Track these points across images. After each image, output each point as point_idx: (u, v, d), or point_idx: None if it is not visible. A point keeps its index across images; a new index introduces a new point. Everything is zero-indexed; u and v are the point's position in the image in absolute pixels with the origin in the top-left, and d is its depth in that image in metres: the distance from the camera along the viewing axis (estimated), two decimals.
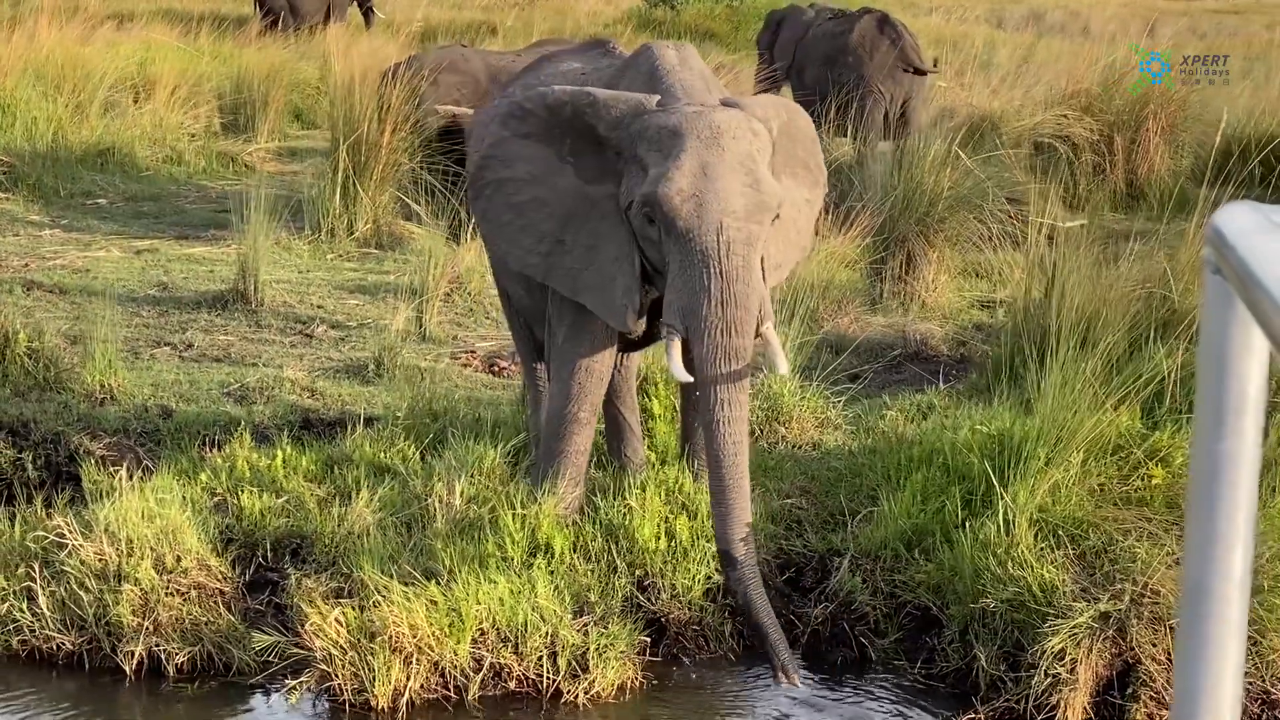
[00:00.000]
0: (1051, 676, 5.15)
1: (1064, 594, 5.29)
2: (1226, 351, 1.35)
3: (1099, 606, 5.20)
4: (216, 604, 5.66)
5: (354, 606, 5.37)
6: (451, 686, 5.39)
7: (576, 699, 5.41)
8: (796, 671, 5.29)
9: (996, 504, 5.70)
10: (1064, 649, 5.15)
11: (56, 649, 5.59)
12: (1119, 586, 5.27)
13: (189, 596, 5.63)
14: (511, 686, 5.45)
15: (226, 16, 20.50)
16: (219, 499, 6.20)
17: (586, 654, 5.45)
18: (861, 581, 5.83)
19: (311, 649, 5.32)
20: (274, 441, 6.75)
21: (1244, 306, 1.32)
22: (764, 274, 5.54)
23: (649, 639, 5.69)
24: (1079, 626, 5.16)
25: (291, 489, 6.28)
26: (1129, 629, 5.21)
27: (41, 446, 6.93)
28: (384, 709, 5.28)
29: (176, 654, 5.51)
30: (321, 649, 5.29)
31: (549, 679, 5.43)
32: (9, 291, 9.14)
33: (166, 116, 13.51)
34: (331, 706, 5.34)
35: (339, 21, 20.46)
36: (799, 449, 6.98)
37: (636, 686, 5.54)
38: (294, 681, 5.34)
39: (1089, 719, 5.20)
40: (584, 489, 6.05)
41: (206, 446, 6.77)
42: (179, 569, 5.65)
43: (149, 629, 5.52)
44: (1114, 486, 5.89)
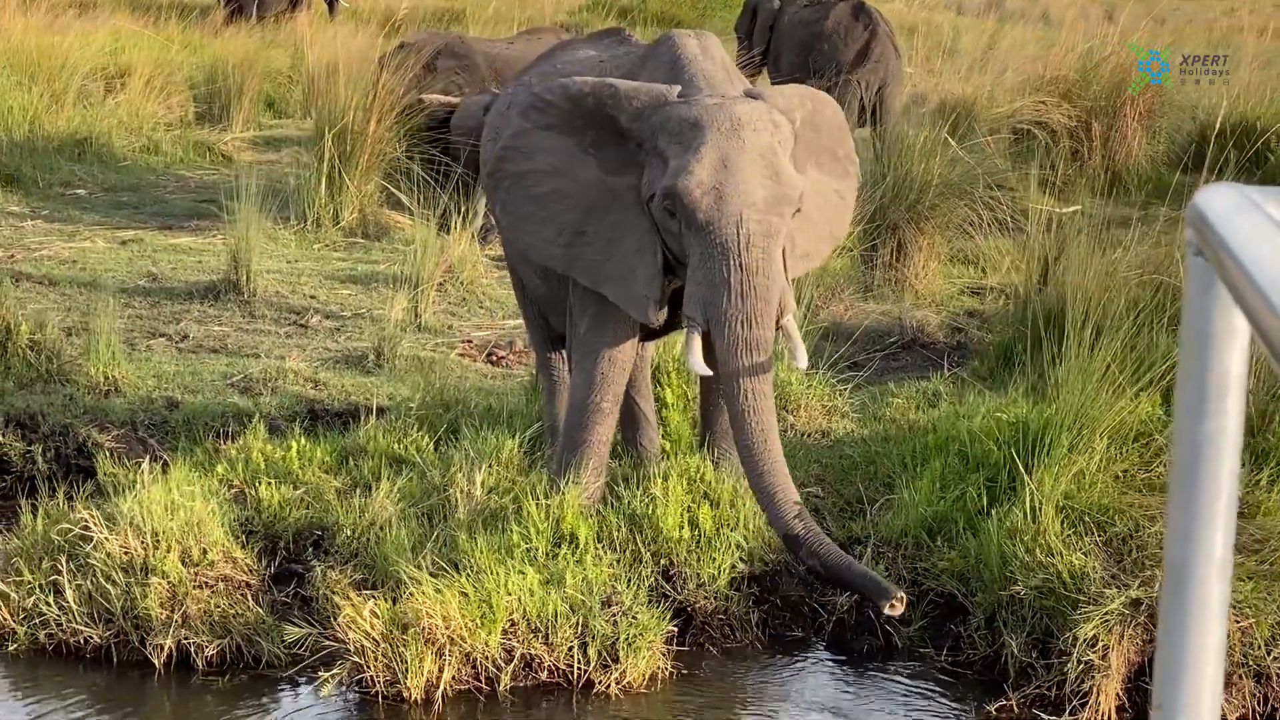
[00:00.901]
0: (1084, 663, 5.18)
1: (1094, 580, 5.32)
2: (1209, 333, 1.35)
3: (1130, 593, 5.25)
4: (244, 596, 5.64)
5: (386, 598, 5.37)
6: (483, 678, 5.39)
7: (608, 689, 5.41)
8: (898, 594, 5.17)
9: (1021, 491, 5.73)
10: (1096, 635, 5.18)
11: (84, 642, 5.56)
12: (1149, 573, 5.31)
13: (216, 589, 5.61)
14: (543, 677, 5.44)
15: (191, 5, 20.33)
16: (236, 491, 6.18)
17: (616, 644, 5.45)
18: (884, 569, 5.86)
19: (344, 641, 5.30)
20: (284, 433, 6.73)
21: (1225, 288, 1.32)
22: (787, 264, 5.56)
23: (676, 629, 5.70)
24: (1110, 613, 5.20)
25: (308, 480, 6.27)
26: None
27: (50, 439, 6.90)
28: (417, 700, 5.27)
29: (206, 647, 5.49)
30: (355, 641, 5.28)
31: (580, 669, 5.42)
32: None
33: (142, 106, 13.40)
34: (362, 699, 5.33)
35: (305, 10, 20.29)
36: (808, 437, 7.01)
37: (667, 677, 5.55)
38: (325, 674, 5.32)
39: (1122, 705, 5.24)
40: (606, 479, 6.05)
41: (219, 438, 6.74)
42: (205, 561, 5.63)
43: (177, 622, 5.50)
44: (1137, 473, 5.94)
